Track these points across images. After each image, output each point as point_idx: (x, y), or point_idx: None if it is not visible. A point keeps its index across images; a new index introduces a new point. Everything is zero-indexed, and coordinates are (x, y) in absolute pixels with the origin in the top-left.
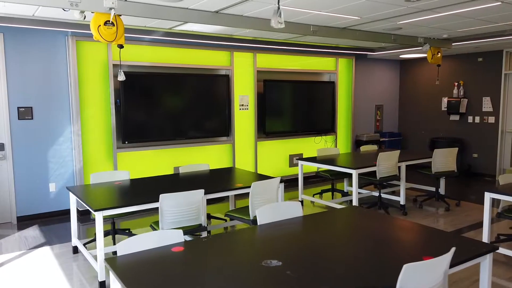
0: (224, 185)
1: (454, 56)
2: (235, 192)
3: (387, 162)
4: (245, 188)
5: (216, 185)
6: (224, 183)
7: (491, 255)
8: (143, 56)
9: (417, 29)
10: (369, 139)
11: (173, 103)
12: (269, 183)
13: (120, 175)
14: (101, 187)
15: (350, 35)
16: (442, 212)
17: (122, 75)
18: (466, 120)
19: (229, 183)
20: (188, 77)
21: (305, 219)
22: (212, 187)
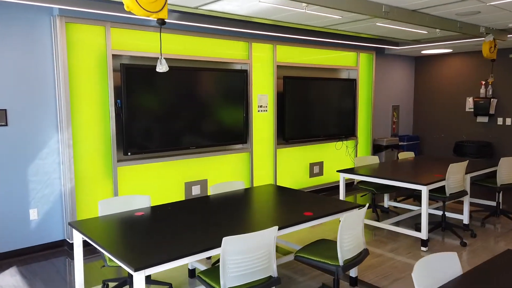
0: (291, 214)
1: (479, 52)
2: (312, 223)
3: (457, 175)
4: (324, 217)
5: (277, 214)
6: (288, 211)
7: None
8: (150, 45)
9: (487, 16)
10: (389, 144)
11: (185, 104)
12: (359, 214)
13: (139, 201)
14: (117, 221)
15: (419, 19)
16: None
17: (164, 64)
18: (496, 122)
19: (293, 210)
20: (202, 73)
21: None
22: (279, 219)
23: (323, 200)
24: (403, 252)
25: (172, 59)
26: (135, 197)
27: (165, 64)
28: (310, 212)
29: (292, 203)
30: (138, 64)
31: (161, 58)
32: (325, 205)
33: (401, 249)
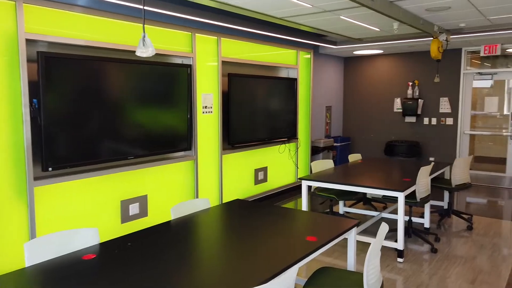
0: (291, 241)
1: (407, 54)
2: (321, 251)
3: (425, 179)
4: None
5: (275, 242)
6: (286, 237)
7: None
8: (78, 28)
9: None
10: (326, 145)
11: (120, 105)
12: (381, 236)
13: (82, 237)
14: (57, 272)
15: (396, 12)
16: (475, 234)
17: (149, 45)
18: (422, 122)
19: (290, 235)
20: (140, 66)
21: None
22: (281, 250)
23: (312, 217)
24: (381, 265)
25: (105, 49)
26: (76, 232)
27: (150, 45)
28: (312, 236)
29: (284, 225)
30: (62, 53)
31: (145, 36)
32: (321, 224)
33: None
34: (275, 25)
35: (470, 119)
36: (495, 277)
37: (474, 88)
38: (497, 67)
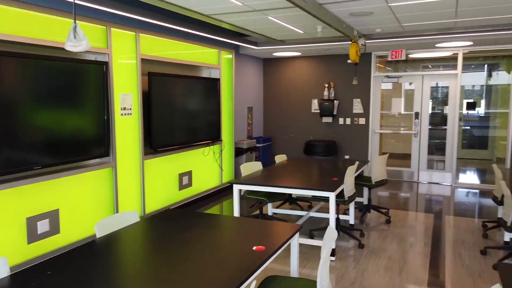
0: (239, 253)
1: (324, 56)
2: (270, 260)
3: (351, 178)
4: (278, 250)
5: (224, 256)
6: (233, 250)
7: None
8: None
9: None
10: (249, 146)
11: (17, 107)
12: (331, 239)
13: None
14: None
15: (324, 14)
16: (394, 227)
17: (83, 38)
18: (338, 122)
19: (237, 245)
20: (45, 62)
21: None
22: (232, 264)
23: (254, 224)
24: (314, 266)
25: (5, 42)
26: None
27: (83, 37)
28: (260, 245)
29: (227, 235)
30: None
31: (77, 28)
32: (265, 231)
33: (311, 262)
34: (197, 22)
35: (379, 118)
36: (418, 268)
37: (385, 90)
38: (398, 71)
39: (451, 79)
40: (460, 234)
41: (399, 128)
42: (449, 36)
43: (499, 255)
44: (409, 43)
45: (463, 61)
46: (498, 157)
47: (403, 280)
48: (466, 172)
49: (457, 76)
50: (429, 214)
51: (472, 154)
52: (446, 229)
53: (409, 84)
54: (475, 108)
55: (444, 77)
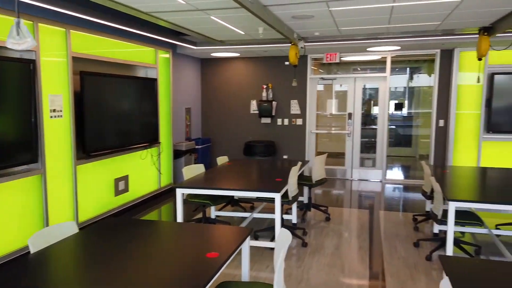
0: (192, 262)
1: (262, 58)
2: (223, 267)
3: (294, 178)
4: (232, 255)
5: (176, 265)
6: (185, 260)
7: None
8: None
9: (314, 22)
10: (188, 148)
11: None
12: (286, 240)
13: None
14: None
15: (267, 16)
16: (333, 224)
17: (27, 35)
18: (276, 122)
19: (189, 253)
20: None
21: None
22: (185, 274)
23: (201, 229)
24: (261, 267)
25: None
26: None
27: (28, 34)
28: (213, 252)
29: (177, 242)
30: None
31: (20, 23)
32: (215, 236)
33: (257, 264)
34: (133, 19)
35: (315, 119)
36: (359, 263)
37: (318, 91)
38: (330, 73)
39: (380, 81)
40: (394, 228)
41: (333, 128)
42: (381, 41)
43: (430, 247)
44: (343, 47)
45: (391, 64)
46: (420, 154)
47: (346, 276)
48: (393, 169)
49: (386, 79)
50: (364, 210)
51: (397, 151)
52: (380, 224)
53: (340, 86)
54: (402, 108)
55: (374, 79)
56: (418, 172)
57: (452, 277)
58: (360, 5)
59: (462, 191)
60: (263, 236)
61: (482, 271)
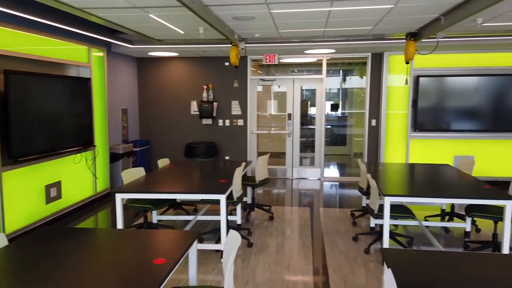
0: (139, 269)
1: (201, 58)
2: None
3: (239, 179)
4: (179, 260)
5: (121, 274)
6: (130, 267)
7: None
8: None
9: (255, 23)
10: (125, 151)
11: None
12: (235, 243)
13: None
14: None
15: (209, 16)
16: (277, 223)
17: None
18: (217, 123)
19: (135, 260)
20: None
21: None
22: (130, 282)
23: (145, 235)
24: (207, 269)
25: None
26: None
27: None
28: (160, 258)
29: (119, 251)
30: None
31: None
32: (161, 242)
33: (203, 267)
34: (63, 15)
35: (256, 120)
36: (303, 259)
37: (258, 92)
38: (269, 74)
39: (317, 83)
40: (334, 224)
41: (274, 128)
42: (317, 43)
43: (368, 240)
44: (282, 49)
45: (326, 67)
46: (355, 152)
47: (291, 273)
48: (330, 167)
49: (323, 80)
50: (305, 208)
51: (334, 150)
52: (321, 220)
53: (278, 87)
54: (338, 109)
55: (311, 81)
56: (353, 170)
57: (393, 269)
58: (299, 8)
59: (395, 187)
60: (208, 238)
61: (418, 260)
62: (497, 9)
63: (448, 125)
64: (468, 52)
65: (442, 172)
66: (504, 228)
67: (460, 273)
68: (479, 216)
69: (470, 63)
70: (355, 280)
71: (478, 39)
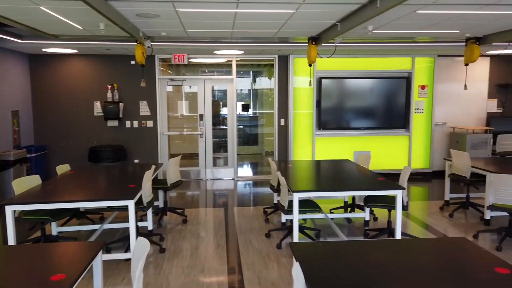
0: None
1: (105, 56)
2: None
3: (149, 182)
4: (81, 275)
5: None
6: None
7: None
8: None
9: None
10: (17, 158)
11: None
12: (144, 251)
13: None
14: None
15: (109, 12)
16: (191, 225)
17: None
18: (125, 125)
19: (29, 277)
20: None
21: None
22: None
23: (41, 250)
24: (116, 281)
25: None
26: None
27: None
28: (58, 274)
29: (8, 271)
30: None
31: None
32: (60, 255)
33: (111, 278)
34: None
35: (167, 120)
36: (217, 260)
37: (168, 92)
38: (179, 74)
39: (228, 84)
40: (248, 222)
41: (185, 129)
42: (226, 44)
43: (280, 236)
44: (191, 48)
45: (236, 67)
46: (266, 151)
47: (206, 275)
48: (244, 166)
49: (233, 81)
50: (219, 208)
51: (246, 150)
52: (235, 220)
53: (189, 87)
54: (249, 109)
55: (222, 81)
56: (265, 168)
57: (301, 262)
58: (206, 8)
59: (303, 183)
60: (117, 247)
61: (325, 251)
62: (383, 18)
63: (348, 123)
64: (363, 57)
65: (344, 167)
66: (396, 215)
67: (361, 259)
68: (376, 206)
69: (365, 66)
70: (269, 275)
71: (371, 45)
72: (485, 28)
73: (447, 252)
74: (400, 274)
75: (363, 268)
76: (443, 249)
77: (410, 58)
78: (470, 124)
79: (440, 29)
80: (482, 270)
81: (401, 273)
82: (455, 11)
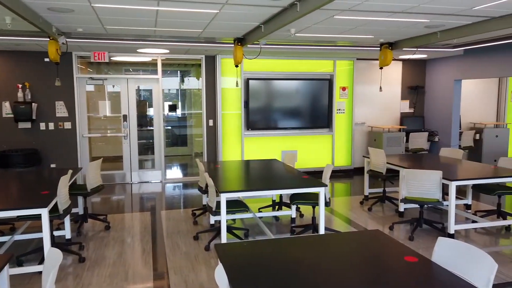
0: None
1: (14, 52)
2: None
3: (66, 188)
4: None
5: None
6: None
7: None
8: None
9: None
10: None
11: None
12: (56, 262)
13: None
14: None
15: (15, 4)
16: (114, 231)
17: None
18: (39, 127)
19: None
20: None
21: None
22: None
23: None
24: None
25: None
26: None
27: None
28: None
29: None
30: None
31: None
32: None
33: None
34: None
35: (87, 122)
36: (142, 266)
37: (89, 92)
38: (101, 73)
39: (153, 83)
40: (175, 226)
41: (108, 130)
42: (149, 43)
43: (208, 237)
44: (112, 46)
45: (162, 67)
46: (196, 152)
47: (130, 283)
48: (172, 168)
49: (159, 81)
50: (146, 212)
51: (175, 151)
52: (162, 223)
53: (113, 87)
54: (176, 110)
55: (147, 81)
56: (195, 169)
57: (224, 263)
58: (124, 4)
59: (232, 183)
60: (30, 259)
61: (251, 251)
62: (304, 22)
63: (276, 123)
64: (288, 59)
65: (271, 166)
66: (320, 211)
67: (285, 257)
68: (301, 203)
69: (291, 68)
70: (196, 279)
71: (295, 47)
72: (396, 34)
73: (363, 244)
74: (320, 268)
75: (286, 265)
76: (360, 242)
77: (332, 61)
78: (386, 123)
79: (357, 34)
80: (392, 259)
81: (321, 267)
82: (369, 18)
